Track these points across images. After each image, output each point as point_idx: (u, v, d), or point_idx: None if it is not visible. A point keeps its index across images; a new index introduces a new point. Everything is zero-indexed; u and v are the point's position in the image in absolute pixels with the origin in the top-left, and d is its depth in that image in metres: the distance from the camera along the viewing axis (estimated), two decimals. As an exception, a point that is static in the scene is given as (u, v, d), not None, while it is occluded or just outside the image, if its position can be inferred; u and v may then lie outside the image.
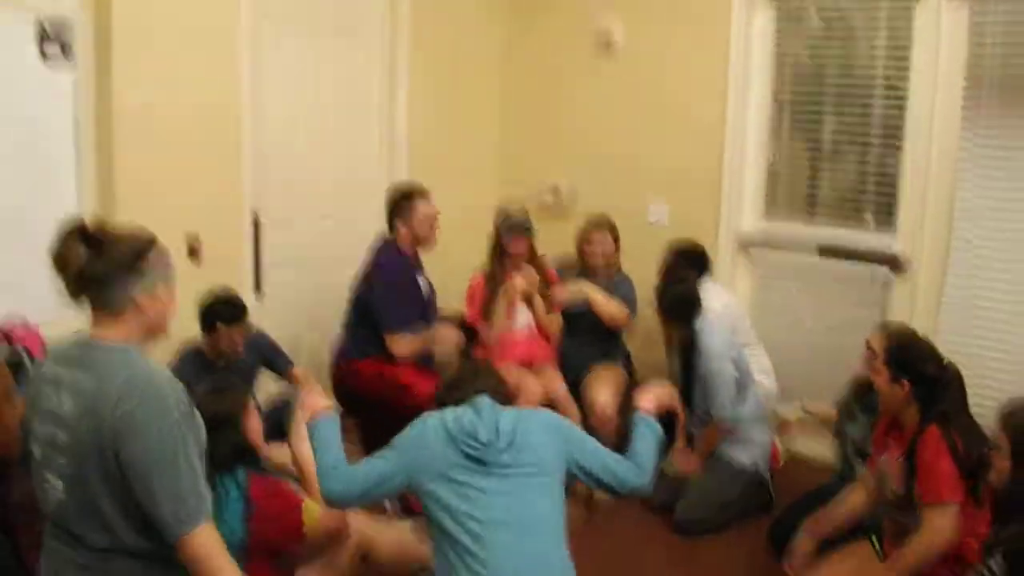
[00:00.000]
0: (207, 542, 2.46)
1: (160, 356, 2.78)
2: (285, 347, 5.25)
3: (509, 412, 3.08)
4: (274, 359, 4.62)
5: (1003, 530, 2.82)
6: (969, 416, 3.51)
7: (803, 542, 3.89)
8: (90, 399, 2.43)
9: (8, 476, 3.16)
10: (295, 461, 3.43)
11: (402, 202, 4.75)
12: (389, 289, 4.66)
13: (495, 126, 6.52)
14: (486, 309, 4.96)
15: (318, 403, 3.28)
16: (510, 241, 4.94)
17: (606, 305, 5.11)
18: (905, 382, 3.47)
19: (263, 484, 3.23)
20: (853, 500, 3.86)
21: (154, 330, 2.61)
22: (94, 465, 2.41)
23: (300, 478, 3.41)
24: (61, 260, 2.46)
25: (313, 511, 3.26)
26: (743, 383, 4.70)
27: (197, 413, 2.58)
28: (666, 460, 4.90)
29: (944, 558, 3.45)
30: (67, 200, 4.42)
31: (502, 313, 4.93)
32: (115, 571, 2.50)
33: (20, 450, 2.51)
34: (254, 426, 3.43)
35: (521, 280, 4.92)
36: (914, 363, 3.48)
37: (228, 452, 3.20)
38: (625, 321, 5.15)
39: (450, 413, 3.07)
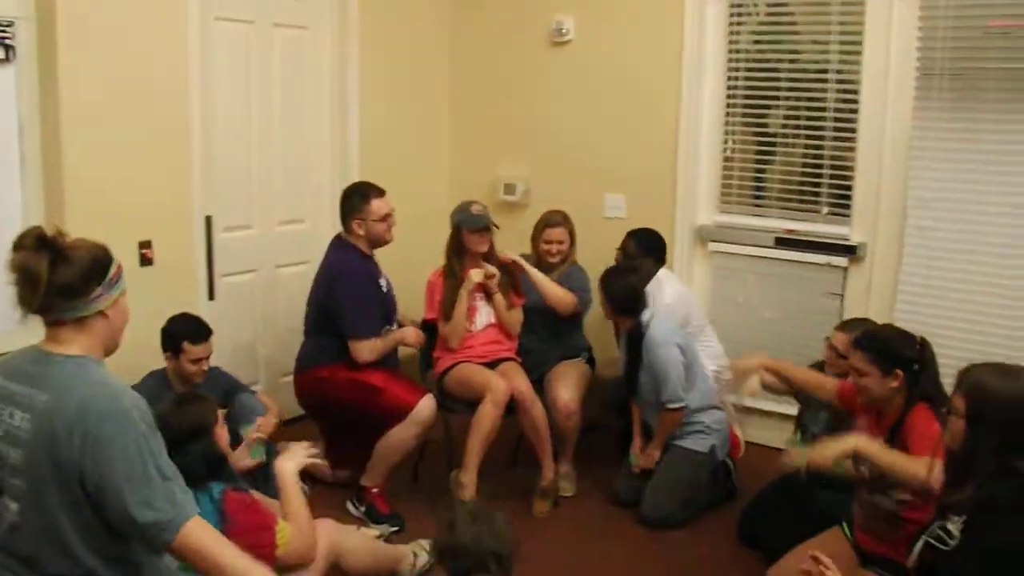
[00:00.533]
0: (196, 539, 2.39)
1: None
2: (241, 354, 5.22)
3: None
4: (233, 390, 4.51)
5: (956, 492, 2.85)
6: (943, 391, 3.56)
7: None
8: (46, 416, 2.36)
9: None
10: (279, 478, 3.36)
11: (357, 201, 4.69)
12: (352, 295, 4.60)
13: (445, 122, 6.48)
14: (446, 309, 4.91)
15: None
16: (471, 238, 4.89)
17: (550, 286, 5.08)
18: (898, 372, 3.51)
19: (238, 500, 3.20)
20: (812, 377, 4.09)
21: (114, 342, 2.56)
22: (53, 485, 2.34)
23: (280, 496, 3.35)
24: (25, 271, 2.37)
25: (286, 532, 3.23)
26: (691, 370, 4.73)
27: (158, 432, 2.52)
28: (626, 459, 4.95)
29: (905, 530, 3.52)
30: (12, 206, 4.33)
31: (462, 308, 4.89)
32: None
33: None
34: (223, 436, 3.39)
35: (478, 271, 4.89)
36: (899, 351, 3.53)
37: (202, 465, 3.16)
38: (572, 305, 5.12)
39: None
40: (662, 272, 5.15)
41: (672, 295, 5.01)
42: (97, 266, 2.45)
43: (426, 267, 5.20)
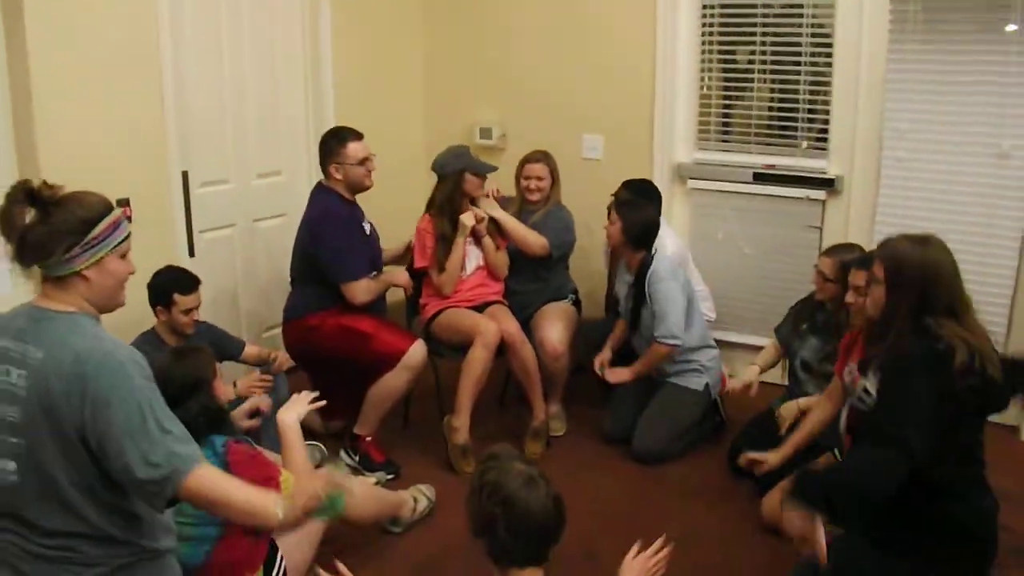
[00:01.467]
0: (201, 482, 2.41)
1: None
2: (224, 309, 5.21)
3: None
4: (224, 344, 4.50)
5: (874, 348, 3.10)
6: None
7: (773, 458, 3.99)
8: (42, 374, 2.37)
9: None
10: (280, 429, 3.39)
11: (334, 144, 4.66)
12: (336, 238, 4.60)
13: (420, 68, 6.48)
14: (439, 258, 4.93)
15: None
16: (474, 182, 4.93)
17: (518, 229, 5.09)
18: None
19: (241, 451, 3.22)
20: (820, 412, 4.00)
21: (104, 302, 2.55)
22: (51, 442, 2.37)
23: (282, 445, 3.37)
24: (4, 222, 2.38)
25: (290, 482, 3.26)
26: (689, 309, 4.80)
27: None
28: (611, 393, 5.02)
29: None
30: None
31: (458, 256, 4.91)
32: (73, 557, 2.47)
33: None
34: (222, 388, 3.40)
35: (469, 215, 4.90)
36: None
37: (202, 418, 3.17)
38: (540, 248, 5.11)
39: None
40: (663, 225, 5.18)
41: (672, 247, 5.06)
42: (77, 225, 2.42)
43: (402, 213, 5.20)
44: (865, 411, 3.05)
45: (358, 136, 4.70)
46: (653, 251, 4.80)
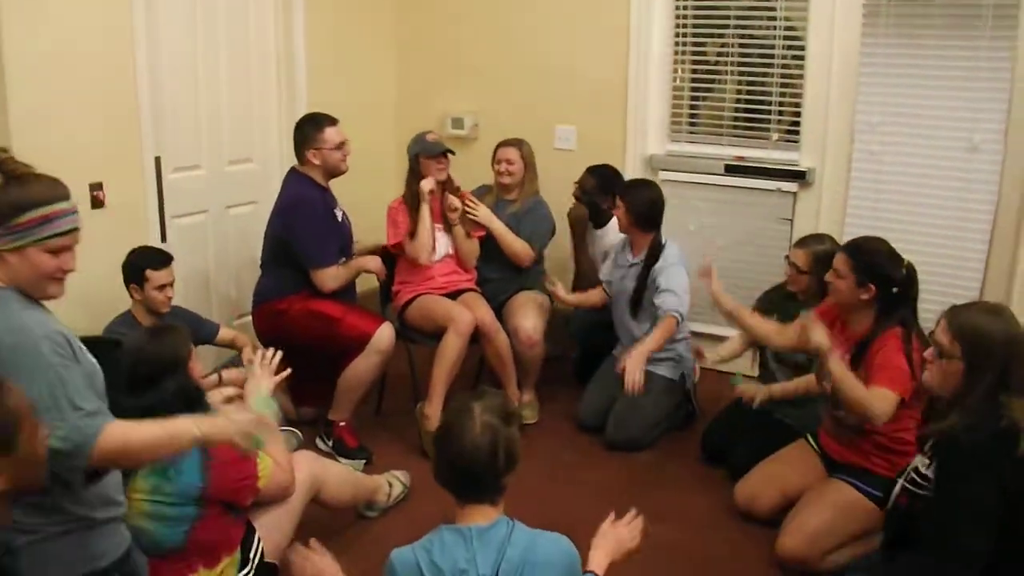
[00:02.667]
0: (110, 439, 2.43)
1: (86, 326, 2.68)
2: (196, 295, 5.18)
3: (516, 543, 2.48)
4: (198, 327, 4.48)
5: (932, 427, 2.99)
6: (917, 321, 3.69)
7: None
8: None
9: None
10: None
11: (310, 130, 4.67)
12: (308, 224, 4.60)
13: (392, 58, 6.47)
14: (412, 232, 4.94)
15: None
16: (429, 165, 4.94)
17: (510, 241, 5.16)
18: (871, 286, 3.62)
19: (219, 433, 3.19)
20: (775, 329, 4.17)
21: (28, 290, 2.52)
22: None
23: None
24: None
25: (267, 464, 3.28)
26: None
27: (87, 358, 2.54)
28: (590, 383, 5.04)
29: (882, 449, 3.65)
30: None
31: (425, 221, 4.91)
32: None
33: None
34: (198, 369, 3.38)
35: (428, 180, 4.91)
36: (883, 269, 3.65)
37: (179, 399, 3.14)
38: (528, 259, 5.20)
39: (424, 550, 2.50)
40: None
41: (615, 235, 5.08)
42: (5, 207, 2.42)
43: (373, 202, 5.20)
44: (918, 495, 2.98)
45: (333, 121, 4.71)
46: (662, 235, 4.84)
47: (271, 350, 3.52)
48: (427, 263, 4.98)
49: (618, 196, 4.86)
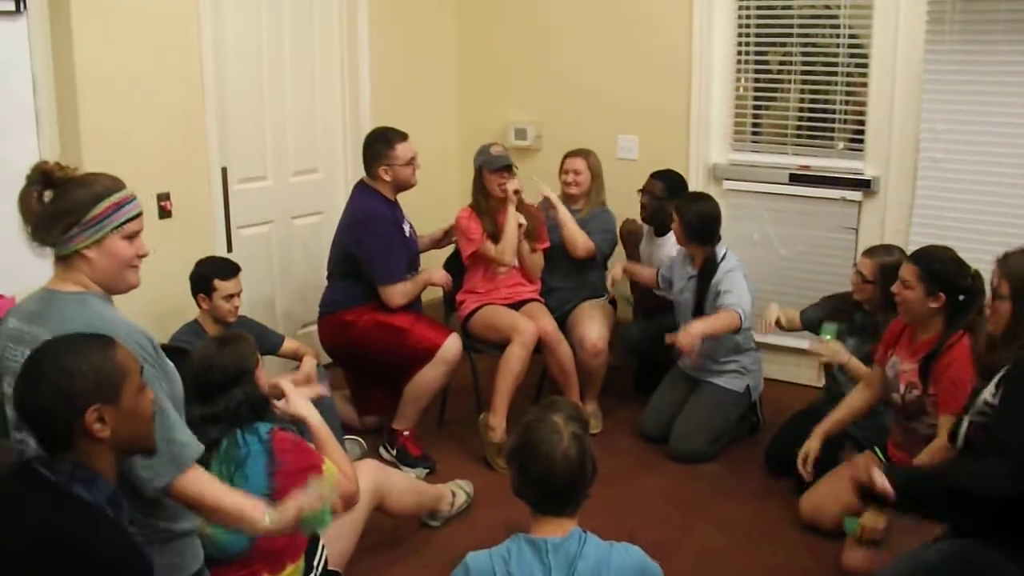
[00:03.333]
0: (193, 484, 2.48)
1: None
2: (260, 305, 5.23)
3: (586, 556, 2.45)
4: (263, 337, 4.49)
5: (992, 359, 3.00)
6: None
7: (811, 443, 4.01)
8: None
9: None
10: (309, 428, 3.40)
11: (382, 147, 4.70)
12: (378, 240, 4.63)
13: (453, 69, 6.50)
14: (491, 234, 4.93)
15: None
16: (492, 178, 4.92)
17: (572, 228, 5.12)
18: (941, 295, 3.58)
19: (286, 439, 3.22)
20: (857, 398, 4.03)
21: (109, 283, 2.56)
22: None
23: (315, 443, 3.38)
24: (22, 203, 2.45)
25: (332, 472, 3.26)
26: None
27: (168, 364, 2.58)
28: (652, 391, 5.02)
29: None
30: (29, 162, 4.25)
31: (512, 224, 4.89)
32: None
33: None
34: (264, 379, 3.39)
35: (513, 183, 4.91)
36: (951, 277, 3.61)
37: (246, 406, 3.18)
38: (585, 250, 5.14)
39: (501, 558, 2.48)
40: None
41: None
42: (76, 205, 2.46)
43: (436, 213, 5.22)
44: (985, 424, 2.95)
45: (404, 137, 4.74)
46: (721, 248, 4.79)
47: (308, 361, 3.53)
48: (511, 263, 4.97)
49: (674, 210, 4.83)
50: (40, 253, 2.51)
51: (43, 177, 2.44)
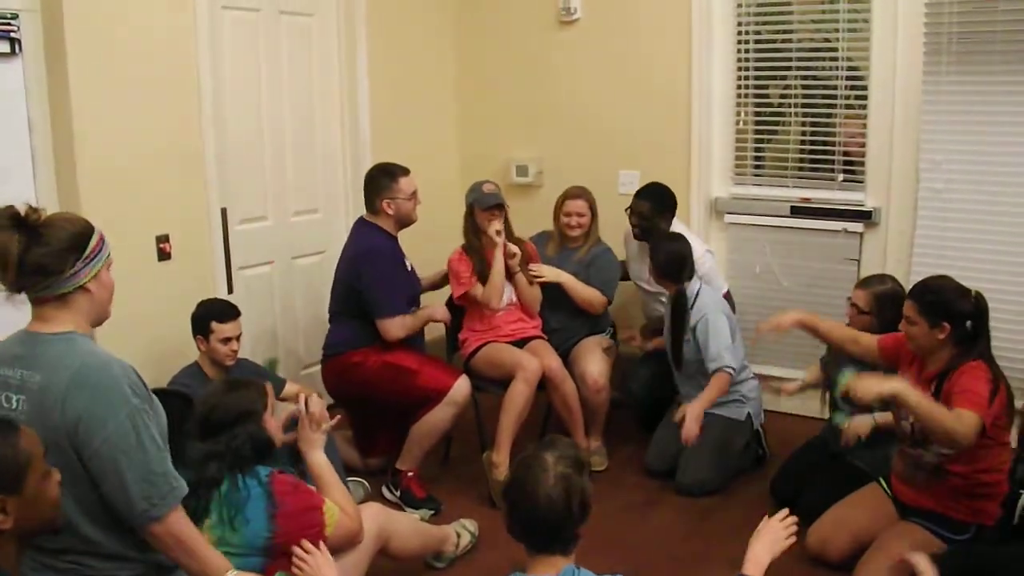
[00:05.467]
0: (181, 523, 2.49)
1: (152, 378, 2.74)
2: (262, 347, 5.21)
3: None
4: (265, 380, 4.48)
5: None
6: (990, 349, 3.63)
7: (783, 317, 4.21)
8: (39, 396, 2.41)
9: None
10: (311, 468, 3.40)
11: (385, 181, 4.69)
12: (380, 273, 4.60)
13: (453, 107, 6.51)
14: (480, 275, 4.92)
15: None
16: (484, 216, 4.90)
17: (581, 291, 5.12)
18: (945, 325, 3.55)
19: (286, 482, 3.21)
20: (846, 331, 4.18)
21: (101, 314, 2.60)
22: (54, 463, 2.36)
23: (317, 484, 3.36)
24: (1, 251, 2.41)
25: (334, 512, 3.26)
26: (733, 338, 4.78)
27: (156, 400, 2.58)
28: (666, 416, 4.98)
29: (959, 492, 3.54)
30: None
31: (499, 266, 4.86)
32: (81, 570, 2.51)
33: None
34: (274, 425, 3.37)
35: (496, 222, 4.88)
36: (951, 305, 3.58)
37: (250, 449, 3.16)
38: (601, 306, 5.17)
39: None
40: (680, 227, 5.19)
41: (698, 252, 5.01)
42: (74, 241, 2.47)
43: (437, 250, 5.21)
44: None
45: (406, 171, 4.74)
46: (695, 284, 4.80)
47: (316, 400, 3.50)
48: (497, 307, 4.95)
49: (649, 253, 4.89)
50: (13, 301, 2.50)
51: (13, 221, 2.42)
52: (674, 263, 4.78)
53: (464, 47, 6.42)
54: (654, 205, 5.17)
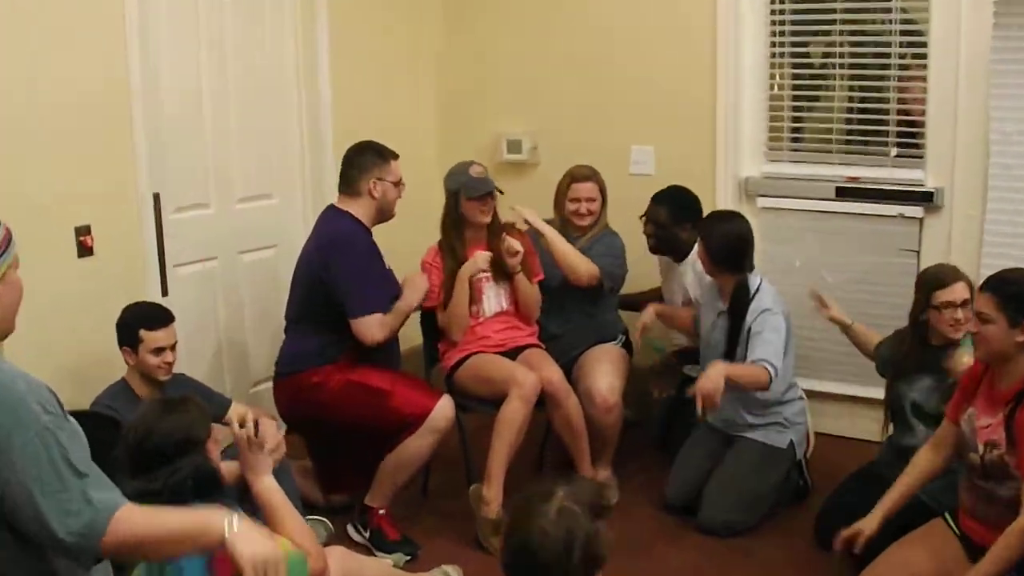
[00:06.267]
0: (127, 524, 2.43)
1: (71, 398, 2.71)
2: (202, 359, 5.19)
3: None
4: (205, 400, 4.43)
5: None
6: None
7: (868, 522, 3.91)
8: None
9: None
10: (258, 497, 3.37)
11: (374, 158, 4.67)
12: (353, 263, 4.55)
13: (432, 71, 6.53)
14: (446, 293, 4.91)
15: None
16: (471, 207, 4.89)
17: (563, 249, 5.09)
18: None
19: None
20: (925, 461, 3.96)
21: (9, 322, 2.58)
22: None
23: (267, 517, 3.34)
24: None
25: (286, 547, 3.21)
26: (786, 348, 4.72)
27: (74, 422, 2.54)
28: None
29: None
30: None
31: (462, 295, 4.88)
32: None
33: None
34: (216, 452, 3.35)
35: (484, 255, 4.88)
36: None
37: (191, 482, 3.13)
38: (590, 276, 5.11)
39: None
40: None
41: None
42: None
43: (413, 248, 5.19)
44: None
45: (396, 155, 4.74)
46: (755, 277, 4.79)
47: (255, 421, 3.49)
48: (458, 340, 4.95)
49: (698, 232, 4.87)
50: None
51: None
52: (732, 246, 4.75)
53: (448, 3, 6.43)
54: (673, 211, 5.18)
